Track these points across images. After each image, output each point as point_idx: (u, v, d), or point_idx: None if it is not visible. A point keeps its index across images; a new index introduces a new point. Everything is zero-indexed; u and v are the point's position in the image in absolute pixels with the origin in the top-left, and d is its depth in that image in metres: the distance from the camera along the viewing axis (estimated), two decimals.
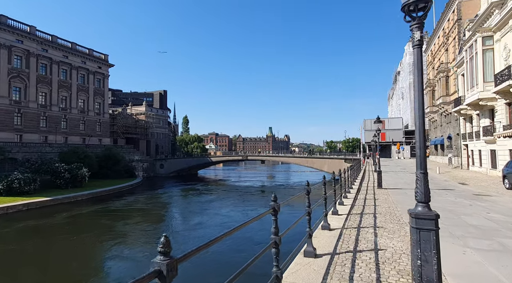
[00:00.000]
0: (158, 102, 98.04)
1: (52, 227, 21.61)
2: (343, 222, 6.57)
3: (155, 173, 66.97)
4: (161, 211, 28.23)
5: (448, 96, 35.65)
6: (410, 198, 11.24)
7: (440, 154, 42.52)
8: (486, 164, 24.42)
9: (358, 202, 10.06)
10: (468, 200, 11.12)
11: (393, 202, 10.23)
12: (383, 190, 13.73)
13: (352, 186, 14.30)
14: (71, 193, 33.63)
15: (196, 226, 21.38)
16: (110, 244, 17.34)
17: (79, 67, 56.50)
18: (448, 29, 35.79)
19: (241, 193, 40.00)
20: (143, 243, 17.83)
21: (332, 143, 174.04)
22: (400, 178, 21.36)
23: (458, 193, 13.42)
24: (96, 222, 23.82)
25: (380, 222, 6.83)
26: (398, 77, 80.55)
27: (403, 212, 8.23)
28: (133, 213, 26.68)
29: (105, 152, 49.35)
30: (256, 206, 29.11)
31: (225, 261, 13.16)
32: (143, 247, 16.92)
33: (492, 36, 21.69)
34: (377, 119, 14.39)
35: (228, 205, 30.21)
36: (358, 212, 8.05)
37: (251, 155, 75.39)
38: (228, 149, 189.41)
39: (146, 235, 19.68)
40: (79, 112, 56.24)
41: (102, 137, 61.27)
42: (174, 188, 46.26)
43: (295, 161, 63.57)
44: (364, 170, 27.50)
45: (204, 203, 32.21)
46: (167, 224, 23.69)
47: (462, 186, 17.10)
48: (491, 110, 23.41)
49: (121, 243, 17.50)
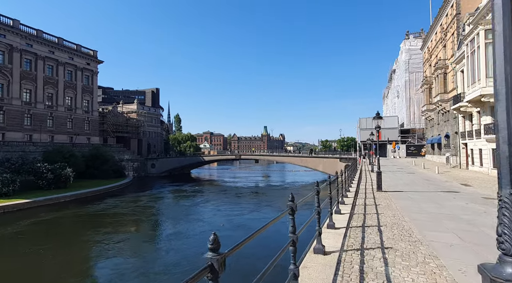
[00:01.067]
0: (150, 101, 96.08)
1: (25, 234, 19.90)
2: (341, 241, 5.22)
3: (146, 172, 65.24)
4: (141, 216, 25.71)
5: (446, 94, 34.66)
6: (415, 204, 9.99)
7: (437, 153, 41.59)
8: (488, 163, 23.36)
9: (357, 208, 8.77)
10: (480, 205, 9.90)
11: (397, 208, 8.96)
12: (383, 193, 12.47)
13: (349, 189, 13.03)
14: (54, 194, 31.93)
15: (172, 237, 18.95)
16: (81, 257, 15.65)
17: (66, 63, 54.47)
18: (446, 24, 34.76)
19: (231, 195, 38.39)
20: (115, 254, 15.79)
21: (327, 142, 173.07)
22: (399, 179, 20.17)
23: (465, 196, 12.22)
24: (71, 228, 22.25)
25: (387, 240, 5.53)
26: (394, 75, 79.70)
27: (412, 224, 6.95)
28: (114, 217, 24.64)
29: (92, 151, 47.54)
30: (242, 211, 26.67)
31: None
32: (115, 259, 15.13)
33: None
34: (377, 115, 13.11)
35: (213, 209, 28.13)
36: (359, 224, 6.73)
37: (244, 154, 73.94)
38: (223, 148, 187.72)
39: (120, 247, 17.20)
40: (66, 110, 54.23)
41: (90, 136, 59.35)
42: (163, 188, 44.51)
43: (289, 160, 62.35)
44: (360, 170, 26.32)
45: (189, 207, 30.18)
46: (144, 232, 21.16)
47: (466, 188, 15.93)
48: (493, 107, 22.29)
49: (96, 256, 15.66)
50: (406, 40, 62.37)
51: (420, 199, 11.17)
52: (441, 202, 10.38)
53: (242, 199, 34.27)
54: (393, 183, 17.34)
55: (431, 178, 21.15)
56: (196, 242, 17.43)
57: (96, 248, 16.89)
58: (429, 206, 9.62)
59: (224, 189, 45.44)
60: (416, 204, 10.00)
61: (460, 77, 29.45)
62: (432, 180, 20.13)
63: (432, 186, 16.48)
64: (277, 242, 8.54)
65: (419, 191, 13.69)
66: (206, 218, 24.11)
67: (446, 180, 19.91)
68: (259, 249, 12.17)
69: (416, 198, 11.27)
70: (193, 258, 14.24)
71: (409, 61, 59.95)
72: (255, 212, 25.74)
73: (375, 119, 13.23)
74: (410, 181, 19.09)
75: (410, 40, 61.48)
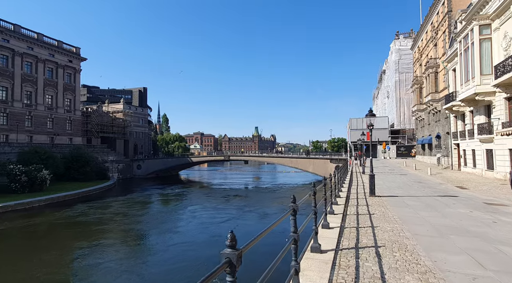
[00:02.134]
0: (137, 100, 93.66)
1: None
2: (327, 276, 3.90)
3: (131, 174, 63.15)
4: (111, 225, 22.90)
5: (437, 93, 34.02)
6: (413, 212, 8.81)
7: (427, 154, 41.02)
8: (481, 164, 22.60)
9: (348, 220, 7.53)
10: (485, 213, 8.80)
11: (395, 219, 7.74)
12: (376, 199, 11.29)
13: (340, 193, 11.83)
14: (27, 198, 29.88)
15: (133, 252, 16.66)
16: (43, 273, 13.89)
17: (47, 60, 52.04)
18: (437, 22, 34.14)
19: (214, 198, 36.39)
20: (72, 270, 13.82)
21: (317, 142, 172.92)
22: (392, 181, 19.14)
23: (465, 201, 11.16)
24: (38, 237, 20.30)
25: (389, 271, 4.16)
26: (384, 76, 79.53)
27: (415, 241, 5.68)
28: (83, 226, 22.32)
29: (73, 152, 45.33)
30: (222, 218, 24.25)
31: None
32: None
33: (490, 25, 19.79)
34: (370, 113, 11.93)
35: (190, 216, 25.62)
36: (351, 243, 5.41)
37: (233, 155, 72.48)
38: (214, 149, 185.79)
39: (77, 260, 15.38)
40: (47, 109, 51.79)
41: (73, 136, 56.97)
42: (144, 192, 42.31)
43: (279, 161, 61.20)
44: (351, 172, 25.28)
45: (165, 213, 27.88)
46: (104, 245, 17.90)
47: (462, 191, 14.97)
48: (487, 106, 21.57)
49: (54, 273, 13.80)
50: (396, 40, 62.03)
51: (418, 205, 10.04)
52: (441, 209, 9.25)
53: (225, 204, 32.36)
54: (386, 186, 16.26)
55: (424, 180, 20.22)
56: (164, 259, 15.12)
57: (57, 261, 15.21)
58: (430, 214, 8.46)
59: (209, 192, 43.72)
60: (415, 212, 8.84)
61: (452, 76, 28.78)
62: (425, 182, 19.18)
63: (427, 189, 15.47)
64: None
65: (415, 196, 12.60)
66: (180, 227, 21.83)
67: (440, 182, 18.99)
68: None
69: (413, 205, 10.13)
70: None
71: (399, 61, 59.59)
72: (236, 220, 23.60)
73: (367, 117, 12.08)
74: (403, 183, 18.07)
75: (400, 40, 61.16)
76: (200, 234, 19.69)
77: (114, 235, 20.25)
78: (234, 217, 24.72)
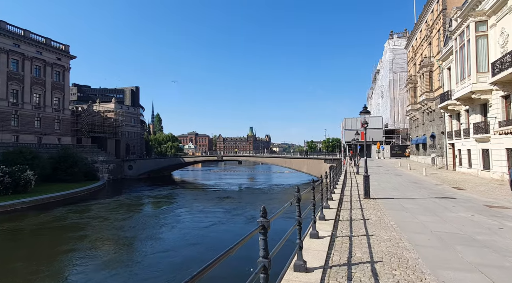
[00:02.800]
0: (129, 100, 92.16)
1: None
2: None
3: (122, 174, 61.85)
4: (88, 230, 21.14)
5: (432, 92, 33.62)
6: (411, 217, 8.10)
7: (422, 154, 40.67)
8: (477, 164, 22.13)
9: (341, 226, 6.78)
10: (488, 217, 8.14)
11: (392, 225, 7.00)
12: (371, 202, 10.59)
13: (332, 196, 11.11)
14: (10, 200, 28.68)
15: (111, 261, 15.17)
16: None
17: (34, 58, 50.54)
18: (432, 21, 33.75)
19: (203, 200, 35.01)
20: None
21: (312, 142, 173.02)
22: (386, 181, 18.52)
23: (465, 204, 10.52)
24: (17, 241, 19.23)
25: None
26: (378, 76, 79.41)
27: (417, 254, 4.87)
28: (58, 231, 21.20)
29: (60, 152, 44.02)
30: (208, 223, 22.85)
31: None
32: None
33: (486, 21, 19.30)
34: (364, 109, 11.20)
35: (174, 221, 23.79)
36: (343, 257, 4.57)
37: (226, 155, 71.48)
38: (208, 149, 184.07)
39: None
40: (34, 108, 50.29)
41: (62, 136, 55.49)
42: (133, 193, 40.83)
43: (272, 161, 60.45)
44: (345, 172, 24.66)
45: (149, 217, 26.03)
46: (77, 254, 16.39)
47: (460, 192, 14.39)
48: (483, 105, 21.10)
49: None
50: (390, 40, 61.81)
51: (416, 208, 9.36)
52: (441, 213, 8.57)
53: (213, 206, 30.68)
54: (381, 187, 15.61)
55: (420, 181, 19.65)
56: (136, 270, 13.83)
57: (27, 269, 14.19)
58: (429, 219, 7.77)
59: (199, 193, 42.47)
60: (413, 216, 8.13)
61: (446, 75, 28.35)
62: (421, 182, 18.61)
63: (423, 190, 14.85)
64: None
65: (412, 197, 11.94)
66: (161, 234, 20.23)
67: (436, 183, 18.44)
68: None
69: (411, 208, 9.45)
70: None
71: (393, 61, 59.35)
72: (220, 225, 22.08)
73: (362, 114, 11.38)
74: (399, 184, 17.46)
75: (394, 40, 60.94)
76: (180, 241, 18.43)
77: (88, 244, 18.11)
78: (220, 221, 23.49)
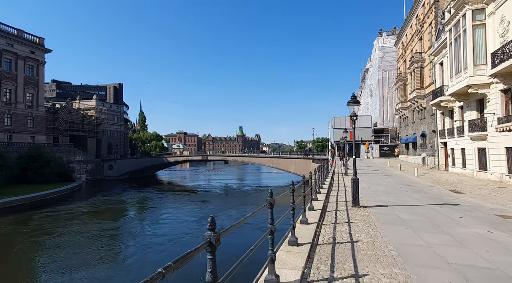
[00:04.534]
0: (112, 97, 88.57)
1: None
2: None
3: (102, 175, 58.81)
4: (48, 240, 18.38)
5: (423, 89, 32.31)
6: (413, 235, 6.21)
7: (411, 153, 39.44)
8: (472, 164, 20.70)
9: (319, 257, 4.70)
10: (509, 234, 6.36)
11: (390, 253, 4.99)
12: (361, 211, 8.73)
13: (315, 203, 9.20)
14: None
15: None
16: None
17: (4, 50, 47.11)
18: (423, 15, 32.41)
19: (182, 203, 32.56)
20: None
21: (302, 142, 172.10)
22: (377, 184, 16.79)
23: (471, 212, 8.79)
24: None
25: None
26: (367, 74, 78.53)
27: None
28: (20, 238, 18.84)
29: (31, 151, 41.00)
30: (184, 228, 20.97)
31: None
32: None
33: (484, 9, 17.82)
34: (353, 99, 9.29)
35: (142, 231, 20.98)
36: None
37: (212, 155, 69.12)
38: (197, 149, 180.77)
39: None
40: (4, 104, 46.88)
41: (35, 134, 52.12)
42: (108, 196, 37.36)
43: (259, 161, 58.54)
44: (333, 173, 22.88)
45: (119, 225, 23.36)
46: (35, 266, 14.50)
47: (459, 196, 12.73)
48: (479, 100, 19.65)
49: None
50: (379, 37, 60.74)
51: (416, 221, 7.53)
52: (450, 229, 6.72)
53: (192, 211, 27.72)
54: (371, 191, 13.83)
55: (413, 182, 18.02)
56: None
57: None
58: (439, 240, 5.79)
59: (179, 196, 39.57)
60: (416, 235, 6.21)
61: (439, 70, 26.97)
62: (414, 184, 16.95)
63: (418, 194, 13.14)
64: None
65: (408, 204, 10.16)
66: (125, 246, 17.72)
67: (431, 185, 16.81)
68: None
69: (410, 220, 7.62)
70: None
71: (382, 59, 58.27)
72: (192, 237, 19.03)
73: (350, 104, 9.51)
74: (391, 187, 15.73)
75: (383, 38, 59.89)
76: (148, 254, 16.04)
77: (38, 258, 15.51)
78: (196, 229, 21.07)
